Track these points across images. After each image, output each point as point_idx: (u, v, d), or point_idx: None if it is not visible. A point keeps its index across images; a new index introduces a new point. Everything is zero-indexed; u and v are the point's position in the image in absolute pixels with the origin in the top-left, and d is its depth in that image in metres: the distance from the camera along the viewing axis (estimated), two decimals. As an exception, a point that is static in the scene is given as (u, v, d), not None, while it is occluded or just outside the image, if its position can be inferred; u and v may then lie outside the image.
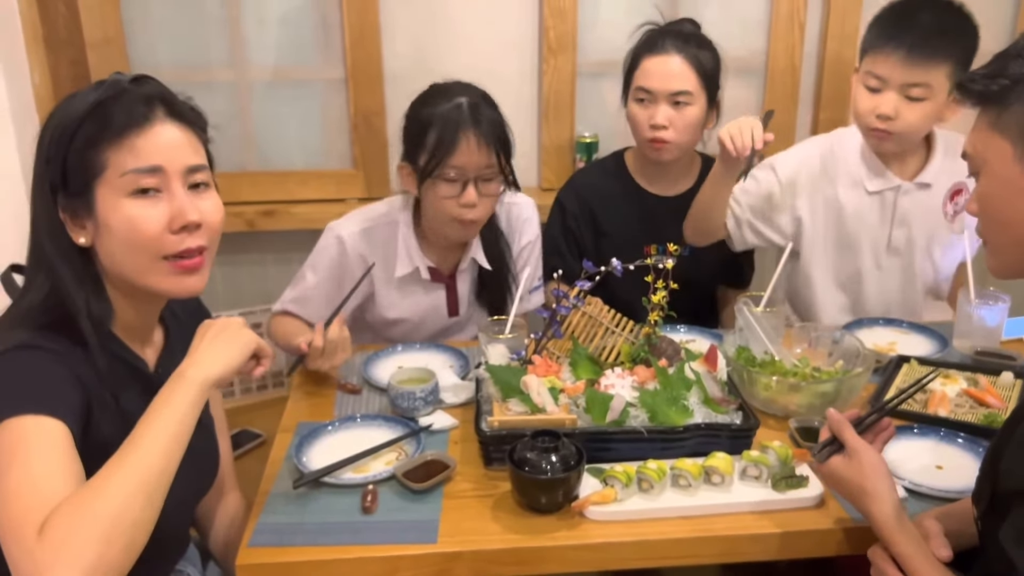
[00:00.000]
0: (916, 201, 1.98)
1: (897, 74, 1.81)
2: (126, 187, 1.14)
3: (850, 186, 1.99)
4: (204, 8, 2.37)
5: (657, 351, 1.61)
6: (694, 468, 1.34)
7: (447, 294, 1.98)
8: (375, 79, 2.42)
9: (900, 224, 1.99)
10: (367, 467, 1.43)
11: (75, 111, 1.14)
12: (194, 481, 1.35)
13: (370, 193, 2.51)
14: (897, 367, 1.74)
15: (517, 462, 1.32)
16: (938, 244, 2.03)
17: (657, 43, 2.02)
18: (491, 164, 1.77)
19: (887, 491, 1.19)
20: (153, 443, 1.05)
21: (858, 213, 2.00)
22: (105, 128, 1.13)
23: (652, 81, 2.01)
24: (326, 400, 1.68)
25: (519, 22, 2.42)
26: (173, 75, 2.33)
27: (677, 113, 2.02)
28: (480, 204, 1.79)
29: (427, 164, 1.76)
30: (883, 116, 1.84)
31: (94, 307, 1.17)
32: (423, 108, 1.80)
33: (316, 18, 2.41)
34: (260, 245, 2.55)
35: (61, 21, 2.23)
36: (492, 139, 1.76)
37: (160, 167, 1.15)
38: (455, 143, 1.73)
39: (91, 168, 1.13)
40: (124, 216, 1.14)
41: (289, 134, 2.51)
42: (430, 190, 1.79)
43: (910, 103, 1.83)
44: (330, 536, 1.27)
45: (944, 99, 1.84)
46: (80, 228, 1.17)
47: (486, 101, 1.80)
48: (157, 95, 1.18)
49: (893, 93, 1.83)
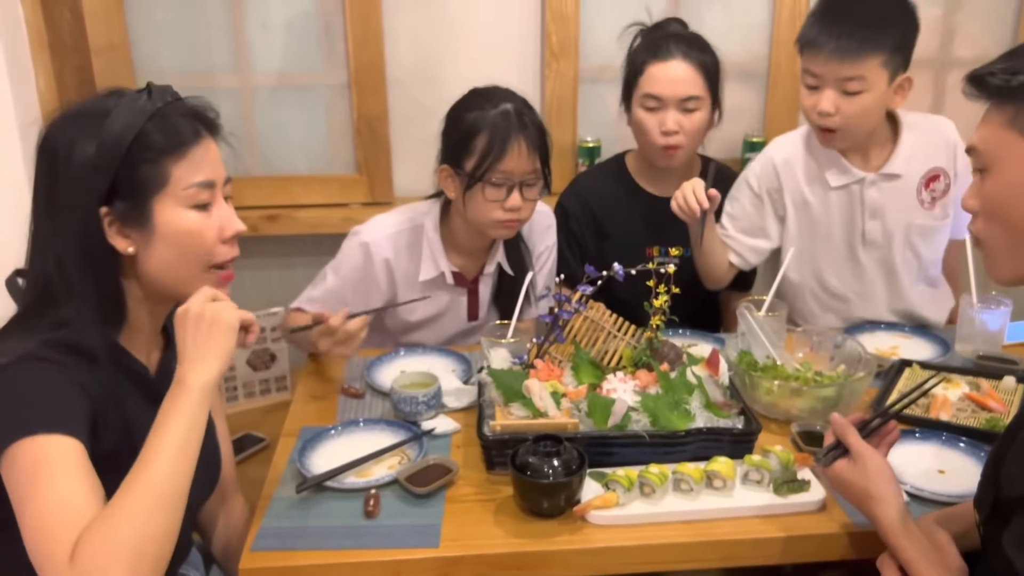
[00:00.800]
0: (886, 192, 1.96)
1: (829, 70, 1.80)
2: (188, 199, 1.19)
3: (814, 184, 1.99)
4: (208, 14, 2.38)
5: (659, 355, 1.61)
6: (696, 472, 1.35)
7: (468, 298, 2.00)
8: (378, 84, 2.42)
9: (872, 216, 1.97)
10: (370, 471, 1.43)
11: (126, 123, 1.15)
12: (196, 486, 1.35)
13: (374, 197, 2.52)
14: (899, 371, 1.75)
15: (519, 466, 1.32)
16: (917, 234, 2.00)
17: (662, 49, 2.02)
18: (535, 169, 1.81)
19: (892, 495, 1.19)
20: (165, 455, 1.07)
21: (825, 210, 1.99)
22: (170, 142, 1.17)
23: (661, 88, 2.01)
24: (329, 404, 1.69)
25: (521, 27, 2.43)
26: (177, 81, 2.29)
27: (686, 118, 2.03)
28: (524, 207, 1.83)
29: (475, 169, 1.78)
30: (823, 113, 1.83)
31: (108, 314, 1.19)
32: (468, 113, 1.81)
33: (319, 24, 2.42)
34: (264, 250, 2.56)
35: (66, 28, 2.24)
36: (538, 145, 1.80)
37: (213, 181, 1.22)
38: (505, 149, 1.76)
39: (154, 180, 1.17)
40: (185, 228, 1.20)
41: (293, 139, 2.52)
42: (476, 194, 1.81)
43: (849, 97, 1.81)
44: (333, 540, 1.28)
45: (885, 88, 1.82)
46: (125, 237, 1.18)
47: (528, 107, 1.84)
48: (202, 110, 1.24)
49: (830, 90, 1.82)
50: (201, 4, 2.37)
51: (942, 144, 1.98)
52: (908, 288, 2.04)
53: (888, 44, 1.78)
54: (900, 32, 1.81)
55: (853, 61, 1.77)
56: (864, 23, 1.77)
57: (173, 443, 1.08)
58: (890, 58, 1.79)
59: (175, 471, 1.07)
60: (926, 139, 1.97)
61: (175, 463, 1.07)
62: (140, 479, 1.04)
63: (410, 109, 2.46)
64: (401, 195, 2.54)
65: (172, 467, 1.06)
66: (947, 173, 1.98)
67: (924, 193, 1.97)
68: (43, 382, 1.10)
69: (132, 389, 1.23)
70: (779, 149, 2.03)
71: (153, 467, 1.06)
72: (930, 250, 2.04)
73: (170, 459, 1.07)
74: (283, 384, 2.31)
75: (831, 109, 1.82)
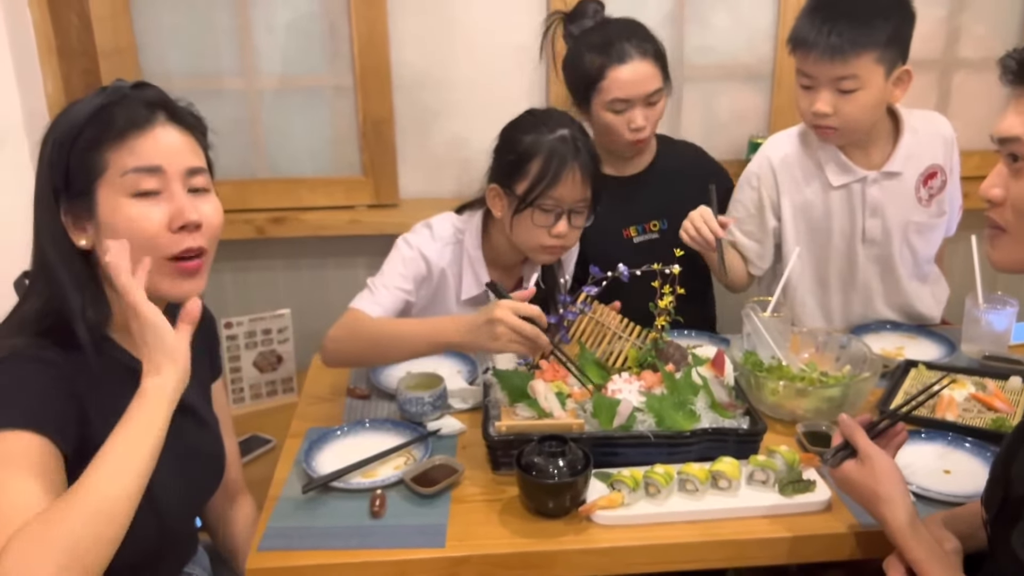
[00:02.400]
0: (886, 190, 1.94)
1: (821, 70, 1.77)
2: (127, 187, 1.15)
3: (814, 183, 1.97)
4: (214, 17, 2.39)
5: (664, 356, 1.62)
6: (701, 473, 1.35)
7: None
8: (384, 87, 2.43)
9: (872, 214, 1.95)
10: (375, 472, 1.44)
11: (78, 116, 1.16)
12: (199, 482, 1.36)
13: (379, 200, 2.53)
14: (905, 372, 1.74)
15: (524, 467, 1.33)
16: (915, 230, 1.99)
17: (616, 50, 1.98)
18: (586, 198, 1.78)
19: (901, 496, 1.19)
20: (115, 464, 1.03)
21: (826, 208, 1.97)
22: (107, 130, 1.15)
23: (628, 90, 1.98)
24: (335, 406, 1.70)
25: (526, 29, 2.43)
26: (184, 84, 2.36)
27: (652, 110, 2.03)
28: (570, 235, 1.80)
29: (527, 193, 1.75)
30: (820, 114, 1.81)
31: (90, 310, 1.17)
32: (525, 135, 1.78)
33: (325, 26, 2.43)
34: (270, 252, 2.57)
35: (74, 31, 2.26)
36: (591, 173, 1.77)
37: (160, 167, 1.17)
38: (560, 176, 1.73)
39: (92, 169, 1.15)
40: (124, 216, 1.15)
41: (298, 141, 2.53)
42: (525, 218, 1.78)
43: (844, 96, 1.78)
44: (339, 540, 1.28)
45: (882, 83, 1.79)
46: (81, 231, 1.18)
47: (584, 133, 1.82)
48: (158, 100, 1.20)
49: (825, 89, 1.79)
50: (207, 7, 2.38)
51: (940, 141, 1.97)
52: (905, 284, 2.04)
53: (880, 39, 1.75)
54: (892, 25, 1.77)
55: (845, 60, 1.74)
56: (854, 20, 1.73)
57: (121, 452, 1.04)
58: (884, 53, 1.76)
59: (119, 479, 1.02)
60: (924, 136, 1.96)
61: (125, 471, 1.03)
62: (86, 483, 1.01)
63: (416, 112, 2.47)
64: (406, 197, 2.55)
65: (117, 477, 1.02)
66: (943, 170, 1.98)
67: (922, 190, 1.96)
68: (24, 381, 1.10)
69: (127, 384, 1.22)
70: (776, 148, 2.02)
71: (100, 473, 1.02)
72: (926, 247, 2.03)
73: (120, 467, 1.03)
74: (289, 386, 2.32)
75: (828, 109, 1.80)
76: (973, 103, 2.66)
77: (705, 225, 1.83)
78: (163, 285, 1.20)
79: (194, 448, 1.33)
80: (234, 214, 2.38)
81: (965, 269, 1.87)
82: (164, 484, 1.22)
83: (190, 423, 1.34)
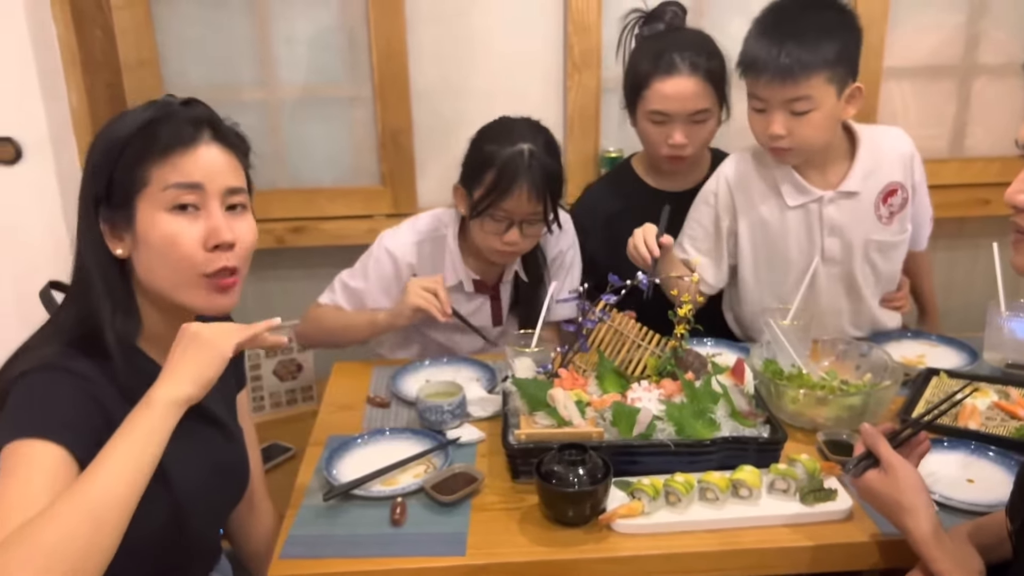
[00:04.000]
0: (844, 209, 1.90)
1: (773, 93, 1.75)
2: (166, 201, 1.17)
3: (770, 202, 1.93)
4: (234, 30, 2.42)
5: (684, 364, 1.61)
6: (722, 481, 1.34)
7: (491, 304, 2.03)
8: (402, 97, 2.45)
9: (831, 233, 1.92)
10: (396, 480, 1.45)
11: (125, 128, 1.18)
12: (223, 492, 1.37)
13: (398, 209, 2.54)
14: (926, 380, 1.73)
15: (544, 475, 1.33)
16: (875, 248, 1.95)
17: (665, 62, 1.96)
18: (538, 211, 1.82)
19: (924, 507, 1.18)
20: (108, 471, 1.03)
21: (783, 228, 1.93)
22: (152, 145, 1.17)
23: (668, 104, 1.97)
24: (355, 414, 1.70)
25: (544, 39, 2.44)
26: (205, 95, 2.32)
27: (695, 129, 2.00)
28: (522, 242, 1.86)
29: (479, 201, 1.82)
30: (774, 136, 1.78)
31: (120, 320, 1.19)
32: (487, 144, 1.84)
33: (344, 37, 2.45)
34: (290, 261, 2.59)
35: (97, 45, 2.29)
36: (545, 190, 1.80)
37: (200, 184, 1.19)
38: (509, 191, 1.78)
39: (135, 182, 1.17)
40: (162, 230, 1.17)
41: (318, 152, 2.55)
42: (477, 222, 1.85)
43: (798, 117, 1.76)
44: (360, 548, 1.29)
45: (834, 102, 1.76)
46: (119, 239, 1.20)
47: (548, 148, 1.83)
48: (205, 118, 1.22)
49: (778, 111, 1.76)
50: (228, 20, 2.41)
51: (897, 158, 1.92)
52: (869, 301, 2.01)
53: (830, 58, 1.72)
54: (840, 44, 1.73)
55: (796, 82, 1.71)
56: (801, 41, 1.70)
57: (120, 459, 1.04)
58: (834, 72, 1.73)
59: (113, 487, 1.02)
60: (882, 153, 1.91)
61: (118, 479, 1.02)
62: (77, 489, 1.01)
63: (434, 121, 2.49)
64: (425, 206, 2.56)
65: (110, 483, 1.02)
66: (904, 187, 1.93)
67: (882, 208, 1.92)
68: (50, 392, 1.12)
69: None
70: (732, 167, 1.97)
71: (91, 480, 1.02)
72: (888, 265, 2.00)
73: (113, 474, 1.02)
74: (309, 394, 2.34)
75: (781, 131, 1.77)
76: (993, 109, 2.65)
77: (644, 244, 1.79)
78: (197, 300, 1.22)
79: (221, 459, 1.35)
80: (256, 226, 2.40)
81: (987, 276, 1.85)
82: (191, 494, 1.24)
83: (217, 435, 1.35)
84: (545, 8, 2.42)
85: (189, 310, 1.25)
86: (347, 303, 1.99)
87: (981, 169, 2.67)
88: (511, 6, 2.41)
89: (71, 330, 1.18)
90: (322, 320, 1.99)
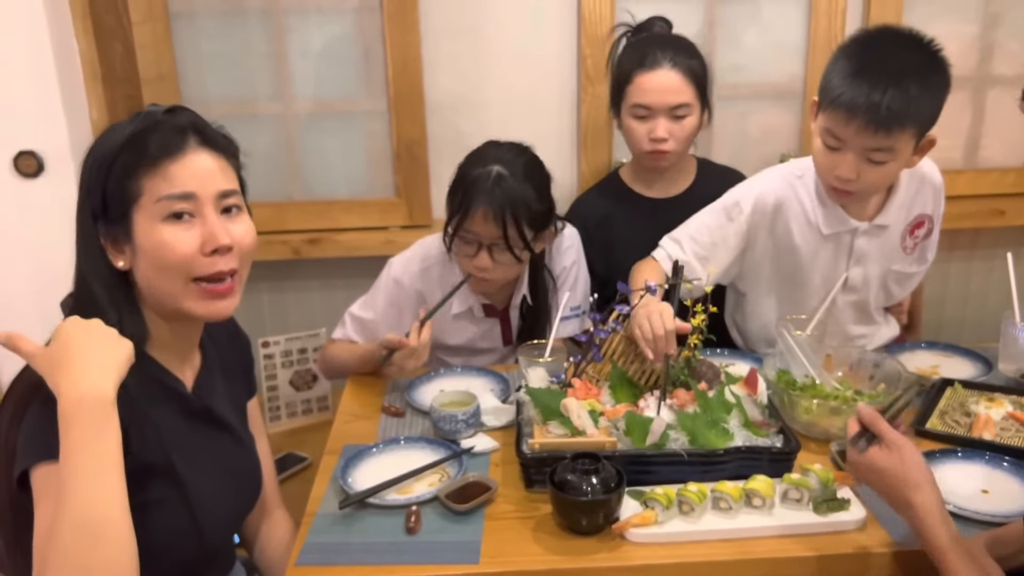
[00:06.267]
0: (873, 241, 1.88)
1: (857, 139, 1.63)
2: (160, 212, 1.18)
3: (804, 226, 1.88)
4: (251, 45, 2.45)
5: (697, 374, 1.62)
6: (735, 491, 1.35)
7: (501, 326, 2.04)
8: (417, 110, 2.47)
9: (856, 263, 1.90)
10: (410, 488, 1.46)
11: (113, 143, 1.19)
12: (236, 499, 1.38)
13: (412, 221, 2.56)
14: (940, 391, 1.73)
15: (558, 484, 1.34)
16: (894, 279, 1.94)
17: (648, 57, 2.01)
18: (502, 236, 1.79)
19: (930, 482, 1.20)
20: (75, 484, 1.02)
21: (812, 254, 1.89)
22: (141, 157, 1.18)
23: (650, 97, 2.00)
24: (370, 423, 1.72)
25: (558, 52, 2.46)
26: (222, 109, 2.42)
27: (676, 125, 2.03)
28: (494, 268, 1.84)
29: (449, 221, 1.85)
30: (843, 179, 1.69)
31: (128, 327, 1.20)
32: (464, 165, 1.87)
33: (359, 51, 2.48)
34: (305, 272, 2.61)
35: (118, 59, 2.33)
36: (504, 213, 1.78)
37: (193, 193, 1.19)
38: (469, 212, 1.80)
39: (128, 195, 1.18)
40: (158, 240, 1.18)
41: (334, 164, 2.57)
42: (455, 243, 1.87)
43: (872, 165, 1.66)
44: (375, 556, 1.30)
45: (909, 154, 1.68)
46: (120, 252, 1.22)
47: (526, 172, 1.82)
48: (190, 124, 1.22)
49: (853, 154, 1.66)
50: (245, 35, 2.44)
51: (929, 190, 1.90)
52: (877, 322, 2.02)
53: (923, 116, 1.63)
54: (936, 101, 1.64)
55: (888, 134, 1.61)
56: (903, 92, 1.58)
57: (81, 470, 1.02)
58: (922, 129, 1.66)
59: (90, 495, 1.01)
60: (915, 186, 1.89)
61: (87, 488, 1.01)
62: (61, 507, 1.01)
63: (448, 134, 2.51)
64: (439, 218, 2.57)
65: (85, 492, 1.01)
66: (931, 219, 1.92)
67: (908, 239, 1.90)
68: None
69: (166, 402, 1.26)
70: (769, 187, 1.90)
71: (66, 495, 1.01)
72: (901, 292, 2.00)
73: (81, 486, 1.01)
74: (324, 404, 2.35)
75: (852, 175, 1.68)
76: (1008, 119, 2.64)
77: (663, 336, 1.58)
78: (195, 307, 1.23)
79: (233, 465, 1.37)
80: (271, 235, 2.43)
81: (1001, 287, 1.85)
82: (205, 500, 1.25)
83: (228, 441, 1.37)
84: (559, 21, 2.44)
85: (191, 318, 1.26)
86: (358, 336, 1.98)
87: (996, 180, 2.66)
88: (525, 19, 2.43)
89: None
90: (334, 359, 1.98)
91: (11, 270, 2.16)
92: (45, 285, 2.04)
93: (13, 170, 2.09)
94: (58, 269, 1.79)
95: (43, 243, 2.09)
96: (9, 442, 1.14)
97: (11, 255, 2.15)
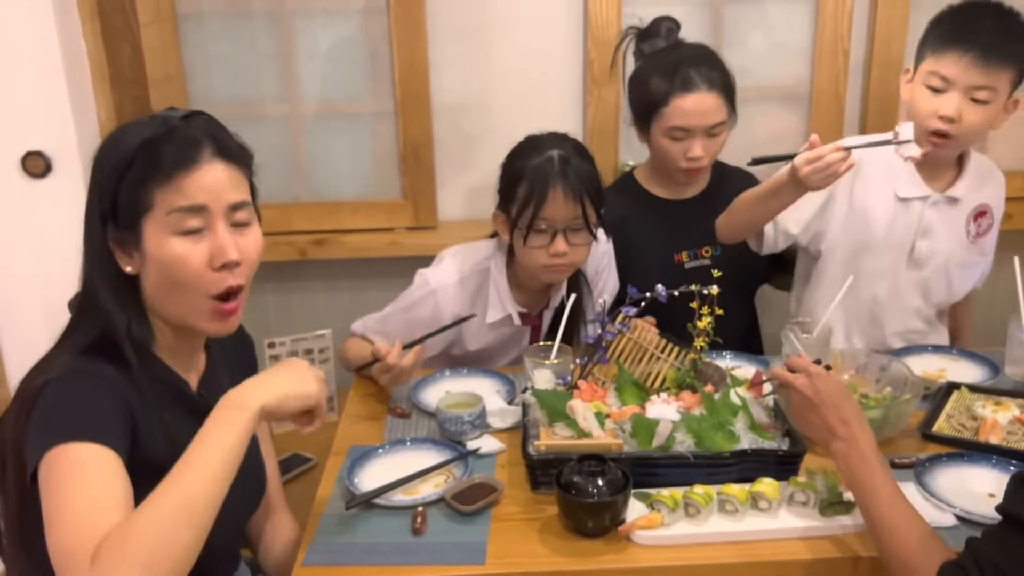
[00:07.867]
0: (943, 214, 1.94)
1: (965, 76, 1.76)
2: (172, 225, 1.18)
3: (881, 189, 1.94)
4: (258, 46, 2.46)
5: (703, 377, 1.62)
6: (741, 493, 1.35)
7: (531, 332, 2.03)
8: (423, 111, 2.47)
9: (924, 235, 1.94)
10: (416, 489, 1.46)
11: (127, 147, 1.18)
12: (241, 500, 1.38)
13: (418, 222, 2.57)
14: (947, 394, 1.72)
15: (564, 486, 1.34)
16: (956, 263, 1.98)
17: (681, 78, 1.98)
18: (579, 216, 1.79)
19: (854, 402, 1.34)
20: (199, 470, 1.06)
21: (886, 218, 1.94)
22: (155, 170, 1.17)
23: (690, 120, 1.99)
24: (376, 424, 1.72)
25: (564, 54, 2.46)
26: (228, 110, 2.41)
27: (712, 141, 2.03)
28: (571, 252, 1.82)
29: (518, 216, 1.81)
30: (946, 118, 1.79)
31: (135, 330, 1.21)
32: (516, 161, 1.85)
33: (366, 53, 2.48)
34: (311, 273, 2.61)
35: (125, 60, 2.34)
36: (581, 191, 1.78)
37: (204, 205, 1.19)
38: (544, 196, 1.77)
39: (140, 205, 1.18)
40: (169, 253, 1.18)
41: (340, 166, 2.58)
42: (521, 239, 1.83)
43: (974, 105, 1.78)
44: (381, 556, 1.30)
45: (1003, 103, 1.81)
46: (128, 257, 1.22)
47: (579, 153, 1.84)
48: (206, 133, 1.21)
49: (957, 94, 1.78)
50: (252, 37, 2.45)
51: (994, 183, 1.98)
52: (934, 315, 2.04)
53: (1021, 61, 1.78)
54: None
55: (991, 70, 1.75)
56: (1005, 34, 1.76)
57: (210, 459, 1.07)
58: (1015, 76, 1.79)
59: (208, 487, 1.05)
60: (983, 173, 1.96)
61: (208, 478, 1.05)
62: (172, 490, 1.04)
63: (454, 136, 2.51)
64: (445, 220, 2.58)
65: (206, 483, 1.05)
66: (992, 212, 1.97)
67: (972, 225, 1.96)
68: (84, 395, 1.14)
69: (173, 402, 1.27)
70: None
71: (186, 480, 1.05)
72: (960, 284, 2.02)
73: (204, 474, 1.06)
74: (331, 405, 2.34)
75: (955, 114, 1.78)
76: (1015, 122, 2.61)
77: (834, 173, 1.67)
78: (203, 323, 1.24)
79: None
80: (277, 236, 2.43)
81: (1009, 291, 1.85)
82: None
83: None
84: (565, 24, 2.43)
85: (196, 332, 1.27)
86: (382, 337, 1.91)
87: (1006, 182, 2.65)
88: (532, 22, 2.43)
89: (88, 341, 1.20)
90: (344, 352, 2.00)
91: (19, 270, 2.16)
92: (53, 285, 2.04)
93: (21, 170, 2.10)
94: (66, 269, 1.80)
95: (51, 243, 2.10)
96: (17, 439, 1.14)
97: (19, 255, 2.16)
